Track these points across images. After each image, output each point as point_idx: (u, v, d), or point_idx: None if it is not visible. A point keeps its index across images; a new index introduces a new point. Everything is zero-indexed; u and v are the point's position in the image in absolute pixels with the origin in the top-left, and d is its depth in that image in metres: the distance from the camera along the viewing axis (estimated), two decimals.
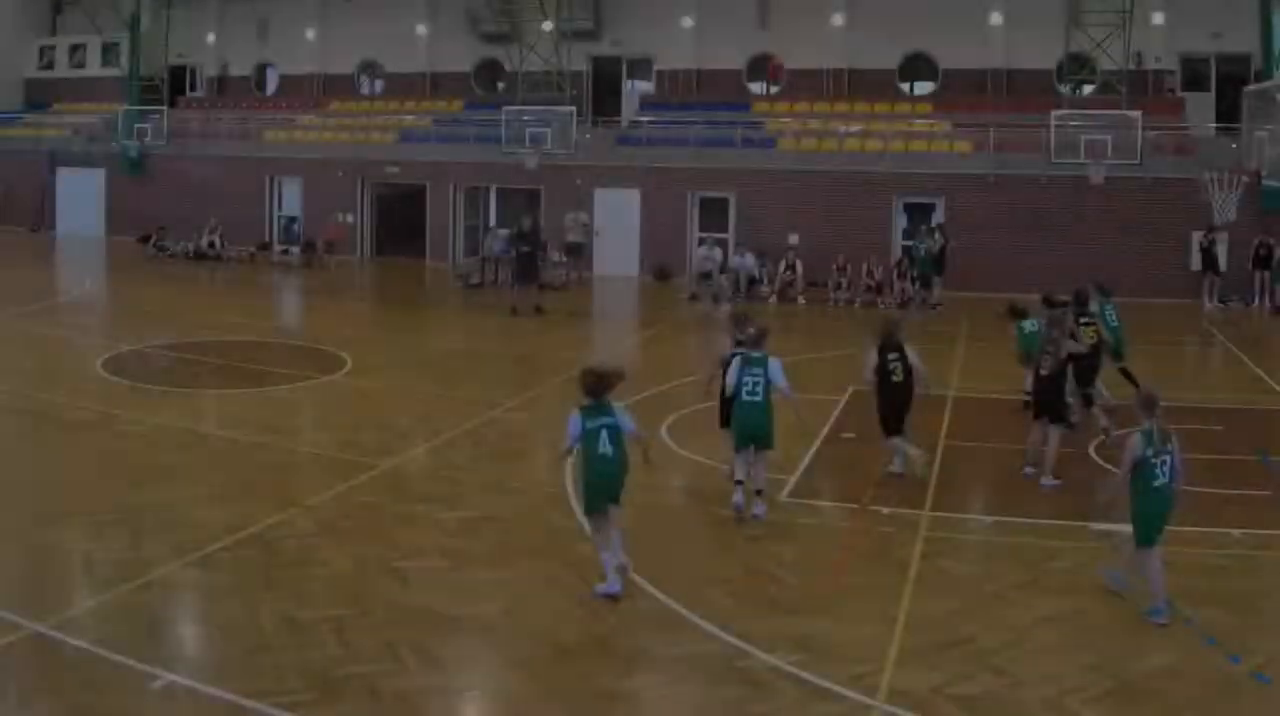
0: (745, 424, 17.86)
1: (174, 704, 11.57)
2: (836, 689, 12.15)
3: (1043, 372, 19.96)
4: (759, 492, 17.94)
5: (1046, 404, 20.03)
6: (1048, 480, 19.72)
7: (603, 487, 14.69)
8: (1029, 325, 22.27)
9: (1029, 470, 20.10)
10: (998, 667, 12.76)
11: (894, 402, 19.50)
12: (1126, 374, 24.83)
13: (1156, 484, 14.33)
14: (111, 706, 11.43)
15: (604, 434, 14.64)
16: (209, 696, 11.60)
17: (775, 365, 17.96)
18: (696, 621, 13.80)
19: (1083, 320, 22.17)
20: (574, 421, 14.73)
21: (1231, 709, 12.02)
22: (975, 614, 14.28)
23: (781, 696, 12.05)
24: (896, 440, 19.58)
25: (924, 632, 13.63)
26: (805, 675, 12.43)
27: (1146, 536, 14.28)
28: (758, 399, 17.76)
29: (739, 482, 17.92)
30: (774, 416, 17.93)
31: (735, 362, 18.15)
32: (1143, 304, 41.30)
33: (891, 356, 19.29)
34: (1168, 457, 14.46)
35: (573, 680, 12.30)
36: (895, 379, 19.30)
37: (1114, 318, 24.66)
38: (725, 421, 18.79)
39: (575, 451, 15.05)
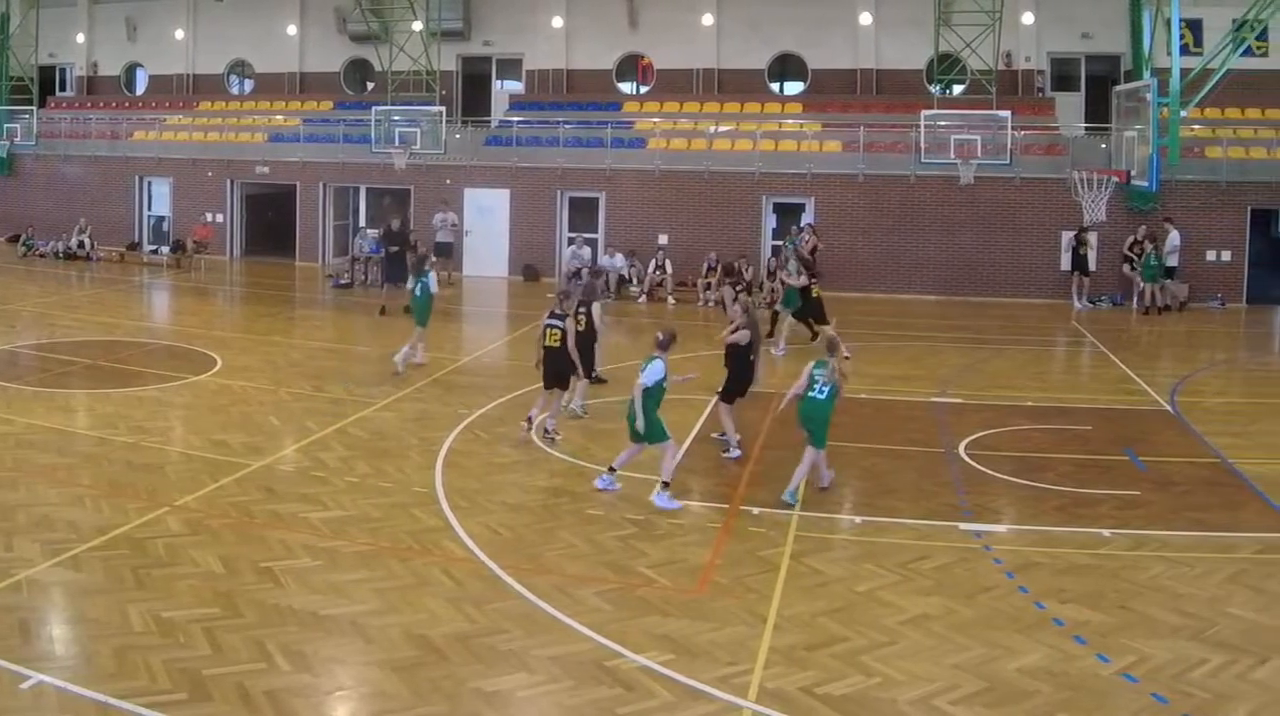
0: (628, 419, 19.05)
1: (44, 703, 11.51)
2: (707, 689, 12.29)
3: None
4: (665, 485, 18.63)
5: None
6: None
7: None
8: None
9: None
10: (868, 667, 12.91)
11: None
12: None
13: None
14: None
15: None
16: (79, 696, 11.58)
17: (650, 367, 18.83)
18: (567, 621, 13.88)
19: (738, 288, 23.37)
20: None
21: (1100, 709, 12.19)
22: (845, 614, 14.41)
23: (652, 697, 12.15)
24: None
25: (794, 632, 13.78)
26: (675, 675, 12.57)
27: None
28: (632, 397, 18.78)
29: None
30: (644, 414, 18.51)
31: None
32: (1013, 303, 42.04)
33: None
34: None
35: (443, 680, 12.34)
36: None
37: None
38: None
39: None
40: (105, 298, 41.95)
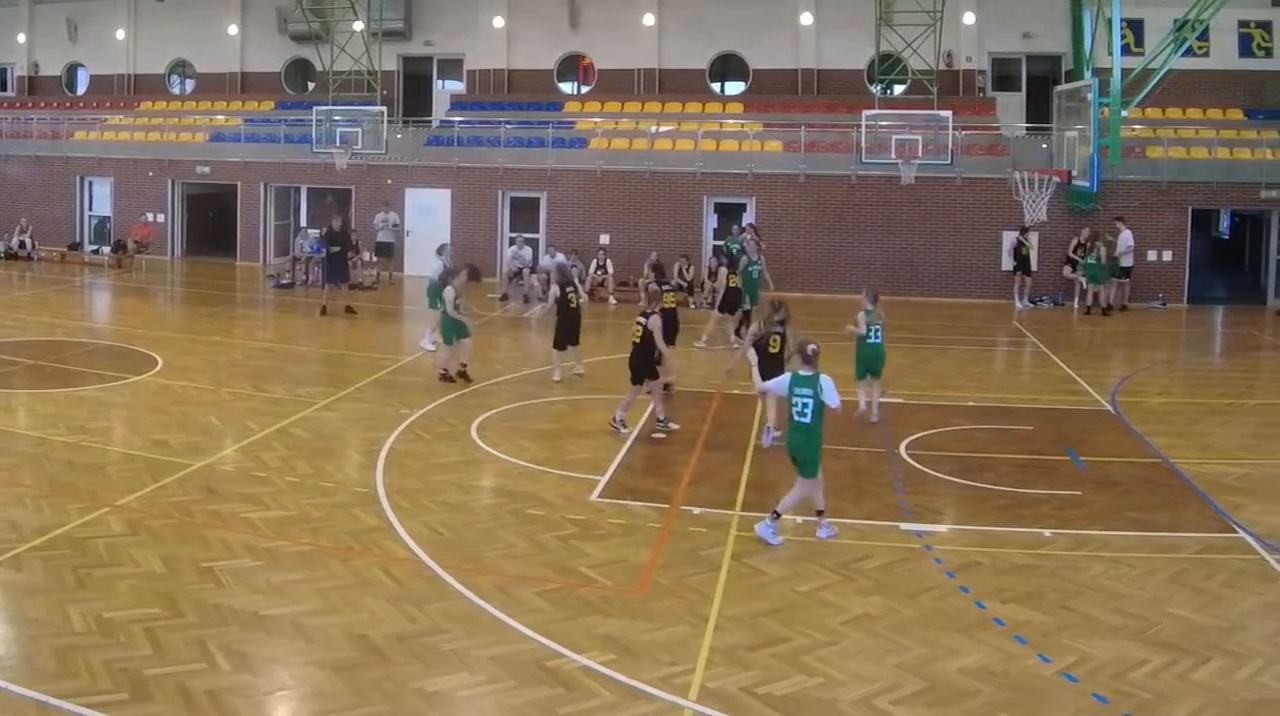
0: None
1: None
2: (647, 689, 12.29)
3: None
4: (776, 515, 17.68)
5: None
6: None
7: None
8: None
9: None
10: (809, 667, 12.93)
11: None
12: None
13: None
14: None
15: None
16: (19, 696, 11.54)
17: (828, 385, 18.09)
18: (508, 621, 13.87)
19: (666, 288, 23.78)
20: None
21: (1041, 709, 12.22)
22: (787, 614, 14.42)
23: (593, 697, 12.15)
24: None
25: (735, 632, 13.80)
26: (617, 675, 12.57)
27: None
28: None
29: None
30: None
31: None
32: (954, 303, 42.18)
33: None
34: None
35: (384, 680, 12.34)
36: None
37: None
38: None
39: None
40: (46, 297, 41.75)
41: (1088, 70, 41.94)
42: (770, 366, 21.26)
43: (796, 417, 17.61)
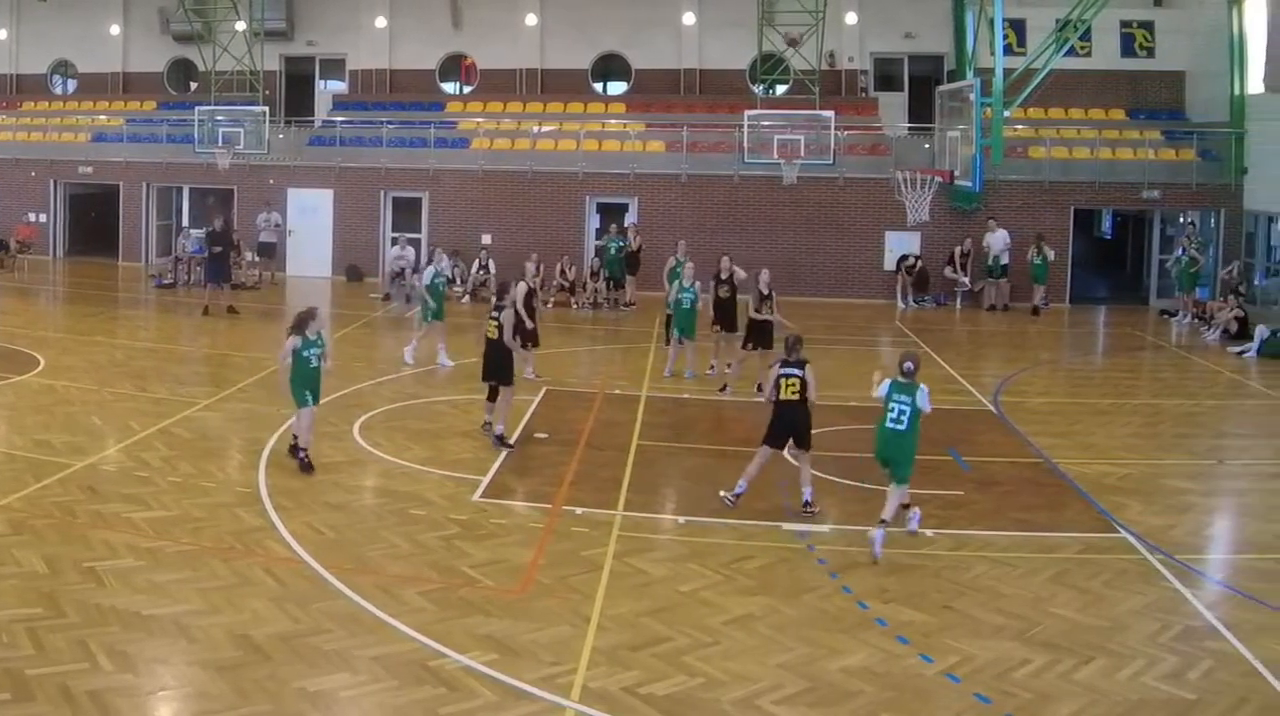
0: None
1: None
2: (530, 689, 12.43)
3: None
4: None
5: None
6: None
7: None
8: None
9: None
10: (691, 667, 13.10)
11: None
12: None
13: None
14: None
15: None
16: None
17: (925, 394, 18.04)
18: (390, 621, 14.00)
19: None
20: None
21: (924, 709, 12.40)
22: (669, 614, 14.59)
23: (475, 697, 12.29)
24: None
25: (617, 632, 13.96)
26: (499, 675, 12.70)
27: None
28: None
29: None
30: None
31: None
32: (838, 303, 42.44)
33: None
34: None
35: (266, 680, 12.40)
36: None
37: None
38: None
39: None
40: None
41: (970, 70, 42.28)
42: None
43: (891, 424, 17.56)
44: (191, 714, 11.98)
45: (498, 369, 22.59)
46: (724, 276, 29.03)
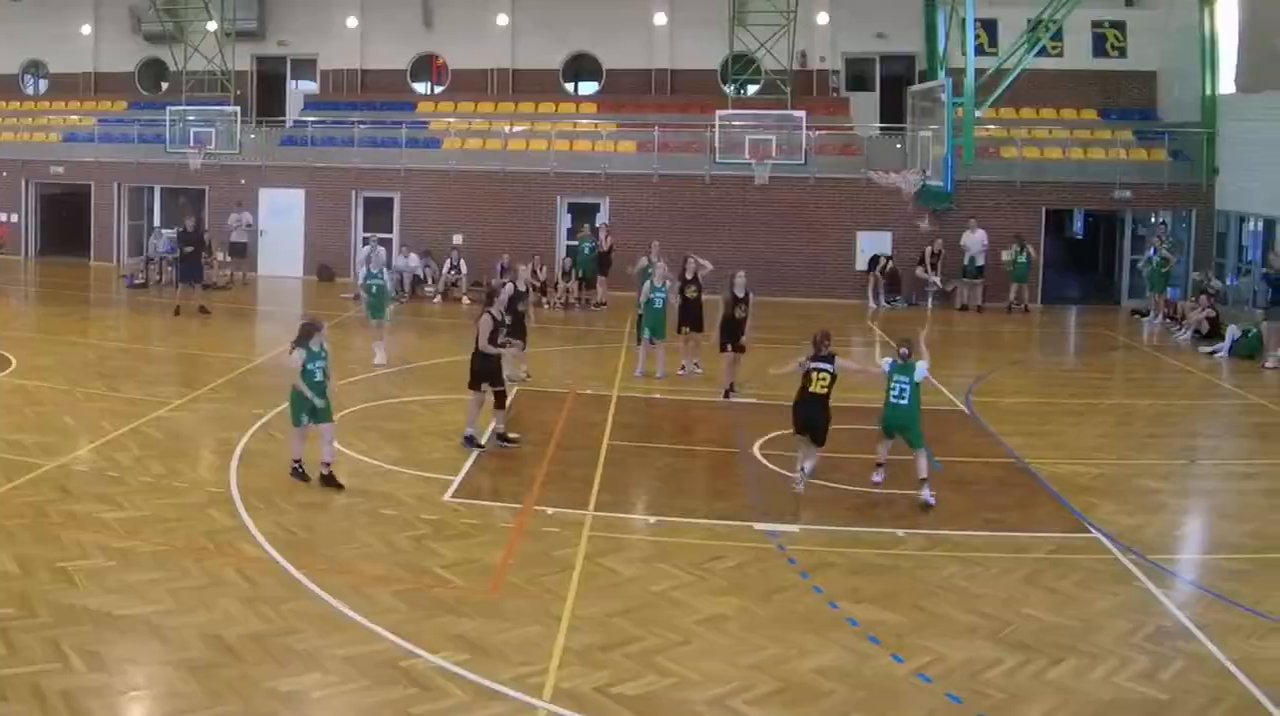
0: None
1: None
2: (501, 689, 12.42)
3: None
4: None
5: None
6: None
7: None
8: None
9: None
10: (662, 667, 13.09)
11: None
12: None
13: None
14: None
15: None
16: None
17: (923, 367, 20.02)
18: (362, 621, 13.98)
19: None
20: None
21: (895, 709, 12.41)
22: (640, 614, 14.58)
23: (447, 696, 12.28)
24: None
25: (588, 633, 13.95)
26: (470, 675, 12.68)
27: None
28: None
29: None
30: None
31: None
32: (810, 303, 42.37)
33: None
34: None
35: (238, 680, 12.38)
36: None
37: None
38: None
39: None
40: None
41: (941, 70, 42.03)
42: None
43: (895, 400, 19.38)
44: (163, 714, 11.96)
45: (475, 373, 22.46)
46: (689, 277, 28.91)
